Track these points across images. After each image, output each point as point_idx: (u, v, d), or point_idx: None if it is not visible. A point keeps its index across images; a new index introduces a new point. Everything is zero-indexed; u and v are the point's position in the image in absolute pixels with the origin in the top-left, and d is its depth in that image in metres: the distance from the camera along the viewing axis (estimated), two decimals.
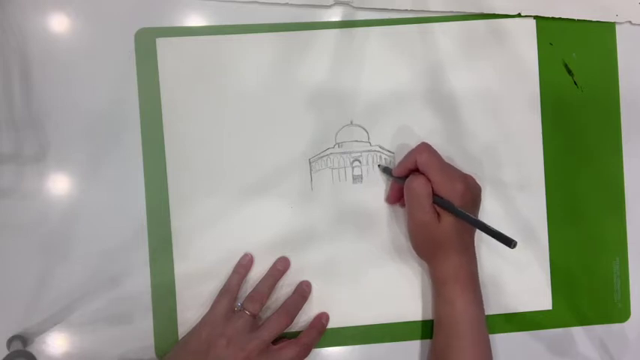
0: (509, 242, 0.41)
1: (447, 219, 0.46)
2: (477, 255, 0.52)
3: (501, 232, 0.42)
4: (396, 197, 0.52)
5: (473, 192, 0.48)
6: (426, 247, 0.49)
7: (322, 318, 0.52)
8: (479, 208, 0.50)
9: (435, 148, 0.49)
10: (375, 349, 0.53)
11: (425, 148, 0.49)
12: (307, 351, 0.50)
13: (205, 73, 0.52)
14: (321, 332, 0.51)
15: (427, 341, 0.53)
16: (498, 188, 0.53)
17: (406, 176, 0.49)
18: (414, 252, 0.51)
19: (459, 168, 0.49)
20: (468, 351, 0.47)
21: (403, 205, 0.51)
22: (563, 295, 0.54)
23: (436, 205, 0.47)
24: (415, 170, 0.49)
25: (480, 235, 0.53)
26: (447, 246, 0.48)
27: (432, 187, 0.47)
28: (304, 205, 0.52)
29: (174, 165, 0.52)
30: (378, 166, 0.53)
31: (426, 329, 0.53)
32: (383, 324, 0.53)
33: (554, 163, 0.54)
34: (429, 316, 0.53)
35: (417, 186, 0.47)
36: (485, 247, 0.53)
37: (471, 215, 0.45)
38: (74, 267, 0.51)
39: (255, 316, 0.49)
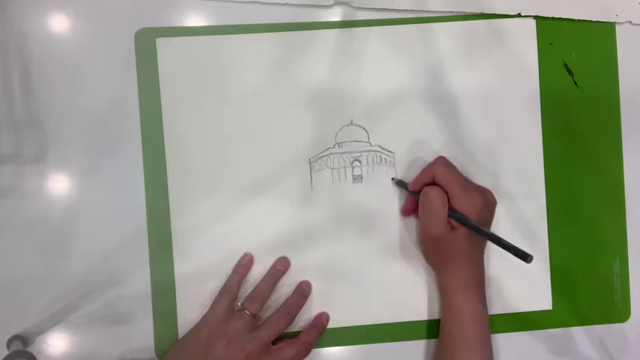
0: (526, 257, 0.41)
1: (461, 232, 0.46)
2: None
3: (517, 246, 0.42)
4: (411, 209, 0.51)
5: (490, 207, 0.48)
6: (436, 257, 0.50)
7: (322, 318, 0.52)
8: (492, 222, 0.50)
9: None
10: (375, 349, 0.53)
11: (443, 161, 0.49)
12: (307, 351, 0.50)
13: (205, 73, 0.52)
14: (322, 332, 0.51)
15: (427, 341, 0.53)
16: (498, 188, 0.53)
17: (420, 189, 0.49)
18: (414, 253, 0.51)
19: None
20: None
21: (418, 217, 0.51)
22: (563, 295, 0.54)
23: (451, 218, 0.47)
24: (431, 183, 0.49)
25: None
26: (458, 257, 0.48)
27: (449, 200, 0.47)
28: (304, 205, 0.52)
29: (174, 165, 0.52)
30: (392, 179, 0.52)
31: (426, 329, 0.53)
32: (383, 324, 0.53)
33: (554, 163, 0.54)
34: (430, 316, 0.53)
35: (433, 197, 0.47)
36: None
37: (486, 230, 0.45)
38: (74, 267, 0.51)
39: (255, 316, 0.49)
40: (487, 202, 0.48)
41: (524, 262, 0.40)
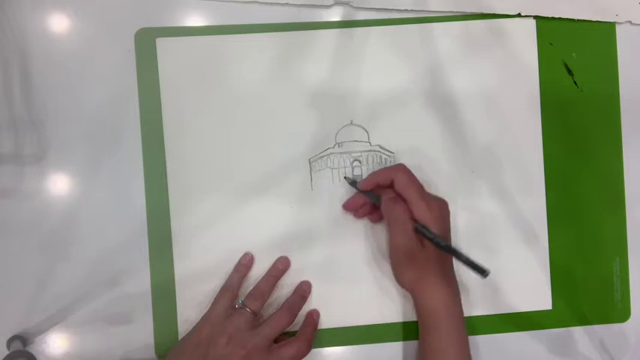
0: (483, 272, 0.43)
1: (430, 246, 0.47)
2: (476, 255, 0.51)
3: (475, 261, 0.44)
4: (355, 206, 0.51)
5: (447, 217, 0.49)
6: (408, 272, 0.48)
7: (313, 315, 0.52)
8: (450, 232, 0.50)
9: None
10: (374, 349, 0.53)
11: (404, 168, 0.48)
12: (308, 347, 0.49)
13: (205, 73, 0.52)
14: (316, 328, 0.51)
15: None
16: (498, 188, 0.53)
17: (371, 190, 0.49)
18: None
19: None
20: None
21: (359, 216, 0.52)
22: (563, 295, 0.54)
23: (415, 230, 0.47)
24: (385, 187, 0.48)
25: (482, 235, 0.53)
26: (429, 273, 0.47)
27: (411, 212, 0.47)
28: (304, 205, 0.52)
29: (174, 165, 0.52)
30: (345, 177, 0.52)
31: None
32: (383, 324, 0.53)
33: (554, 163, 0.54)
34: None
35: (398, 214, 0.47)
36: (485, 246, 0.53)
37: (444, 242, 0.45)
38: (74, 267, 0.51)
39: (256, 314, 0.49)
40: (446, 212, 0.48)
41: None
